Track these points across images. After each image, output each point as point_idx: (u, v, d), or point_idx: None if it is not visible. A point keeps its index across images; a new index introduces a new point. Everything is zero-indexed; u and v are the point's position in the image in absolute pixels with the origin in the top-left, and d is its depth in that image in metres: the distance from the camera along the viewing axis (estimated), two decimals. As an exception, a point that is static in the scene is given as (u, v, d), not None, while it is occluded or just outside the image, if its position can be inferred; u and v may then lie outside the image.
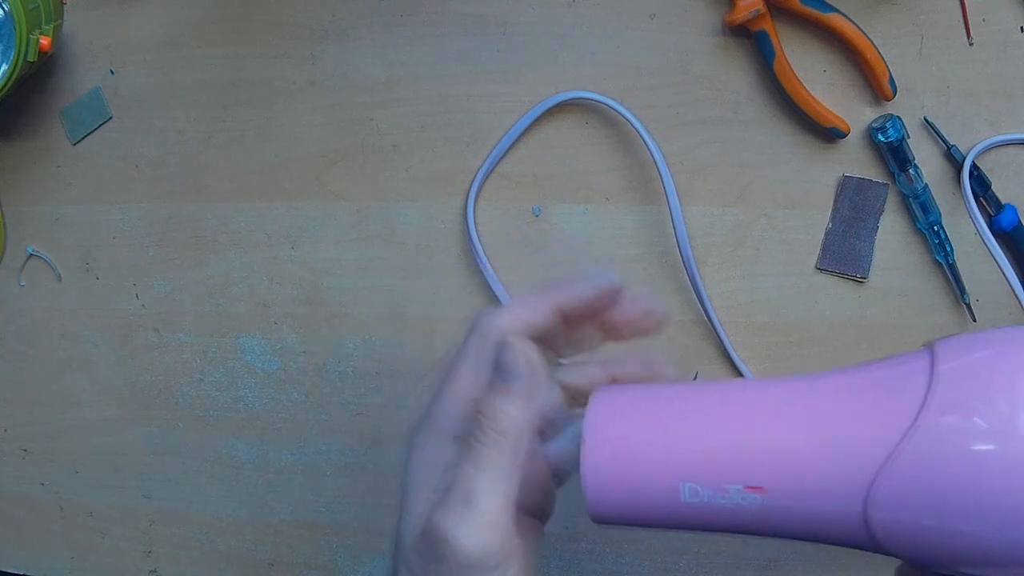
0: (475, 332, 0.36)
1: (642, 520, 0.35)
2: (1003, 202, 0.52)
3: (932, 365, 0.31)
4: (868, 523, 0.31)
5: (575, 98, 0.54)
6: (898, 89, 0.51)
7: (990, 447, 0.28)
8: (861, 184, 0.53)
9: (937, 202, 0.52)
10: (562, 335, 0.37)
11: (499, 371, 0.33)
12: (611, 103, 0.53)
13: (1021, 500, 0.28)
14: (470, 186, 0.56)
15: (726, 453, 0.33)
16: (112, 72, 0.60)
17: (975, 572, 0.31)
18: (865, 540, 0.31)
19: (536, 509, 0.37)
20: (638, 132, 0.53)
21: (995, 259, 0.51)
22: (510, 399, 0.33)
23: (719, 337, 0.54)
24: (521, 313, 0.36)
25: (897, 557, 0.32)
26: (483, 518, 0.31)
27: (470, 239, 0.56)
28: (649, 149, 0.53)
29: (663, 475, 0.33)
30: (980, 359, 0.30)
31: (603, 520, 0.35)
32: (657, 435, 0.34)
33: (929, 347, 0.32)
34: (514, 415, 0.33)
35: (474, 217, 0.56)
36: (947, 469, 0.29)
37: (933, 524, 0.30)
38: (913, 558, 0.32)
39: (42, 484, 0.65)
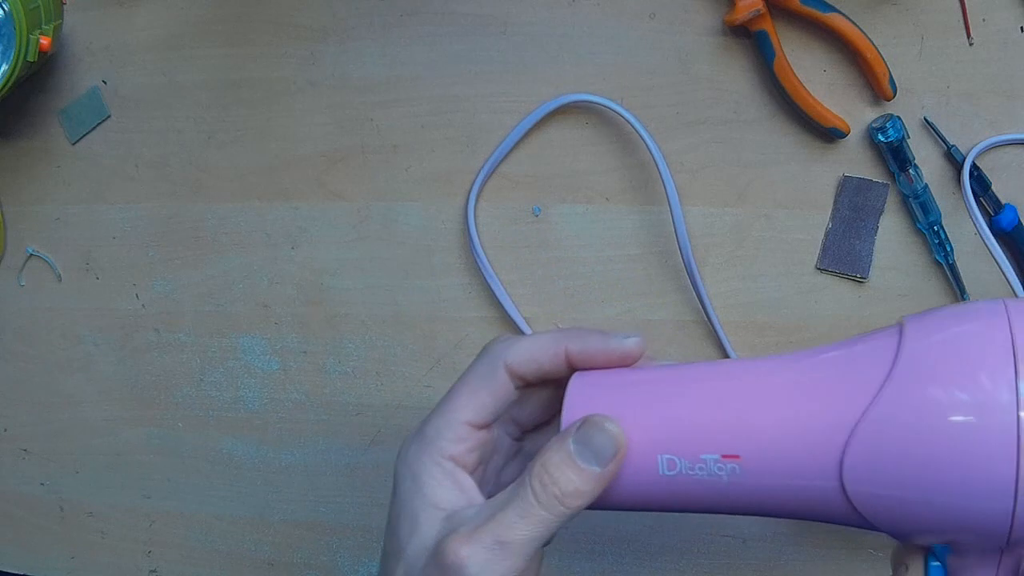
0: (484, 359, 0.37)
1: (624, 499, 0.35)
2: (1003, 202, 0.52)
3: (900, 339, 0.31)
4: (845, 492, 0.31)
5: (577, 101, 0.54)
6: (898, 89, 0.51)
7: (952, 419, 0.29)
8: (861, 184, 0.53)
9: (937, 202, 0.52)
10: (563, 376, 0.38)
11: (586, 450, 0.33)
12: (615, 107, 0.53)
13: (984, 471, 0.28)
14: (471, 187, 0.56)
15: (701, 423, 0.33)
16: (106, 81, 0.60)
17: (952, 541, 0.31)
18: (845, 511, 0.32)
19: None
20: (639, 133, 0.53)
21: (995, 259, 0.51)
22: (586, 480, 0.33)
23: (719, 337, 0.54)
24: (532, 350, 0.36)
25: (882, 531, 0.32)
26: (507, 567, 0.32)
27: (471, 240, 0.56)
28: (650, 150, 0.53)
29: (639, 449, 0.34)
30: (945, 334, 0.31)
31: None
32: (632, 410, 0.34)
33: (900, 323, 0.32)
34: (584, 494, 0.33)
35: (475, 218, 0.56)
36: (911, 439, 0.30)
37: (902, 494, 0.30)
38: (894, 531, 0.32)
39: (42, 484, 0.65)
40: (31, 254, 0.63)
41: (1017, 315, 0.30)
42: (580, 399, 0.35)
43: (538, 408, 0.39)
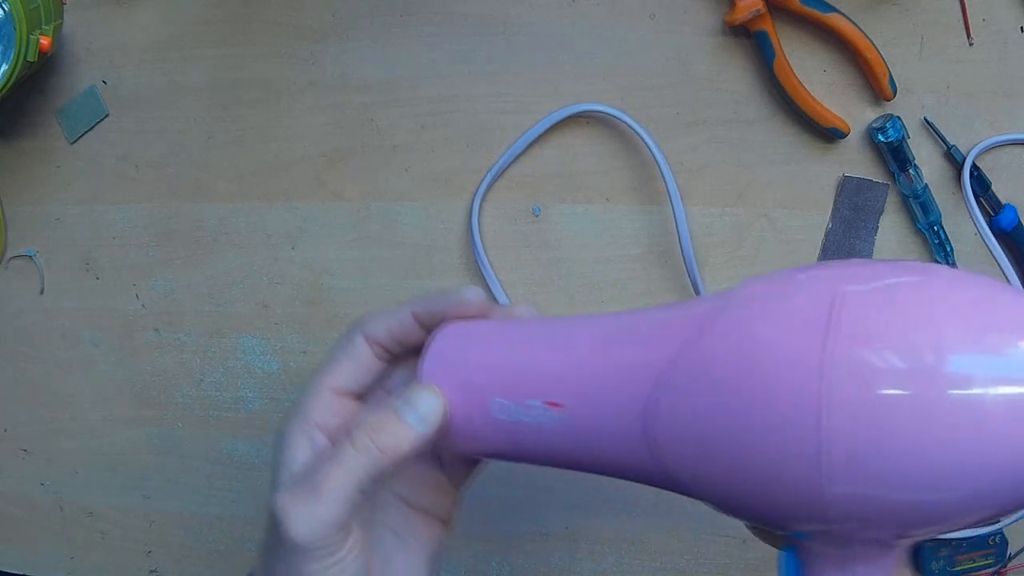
0: (345, 333, 0.39)
1: (468, 442, 0.36)
2: (1003, 202, 0.52)
3: (727, 298, 0.30)
4: (655, 449, 0.30)
5: (590, 111, 0.54)
6: (898, 89, 0.51)
7: (755, 379, 0.27)
8: (861, 184, 0.53)
9: (937, 202, 0.52)
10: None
11: (408, 408, 0.35)
12: (623, 116, 0.53)
13: (781, 437, 0.26)
14: (474, 189, 0.56)
15: (527, 370, 0.34)
16: (105, 81, 0.60)
17: (770, 521, 0.29)
18: (657, 469, 0.31)
19: (432, 509, 0.39)
20: (640, 136, 0.53)
21: (995, 259, 0.51)
22: (403, 434, 0.34)
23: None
24: (384, 318, 0.39)
25: (698, 497, 0.31)
26: (321, 512, 0.32)
27: (473, 243, 0.56)
28: (652, 152, 0.53)
29: (477, 393, 0.35)
30: (764, 292, 0.29)
31: (447, 445, 0.37)
32: (475, 357, 0.36)
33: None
34: (398, 449, 0.34)
35: (479, 222, 0.56)
36: (710, 396, 0.28)
37: (704, 456, 0.29)
38: (704, 494, 0.30)
39: (42, 484, 0.65)
40: (31, 255, 0.63)
41: (845, 282, 0.27)
42: (438, 347, 0.37)
43: (410, 376, 0.41)
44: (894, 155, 0.51)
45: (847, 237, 0.53)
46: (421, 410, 0.34)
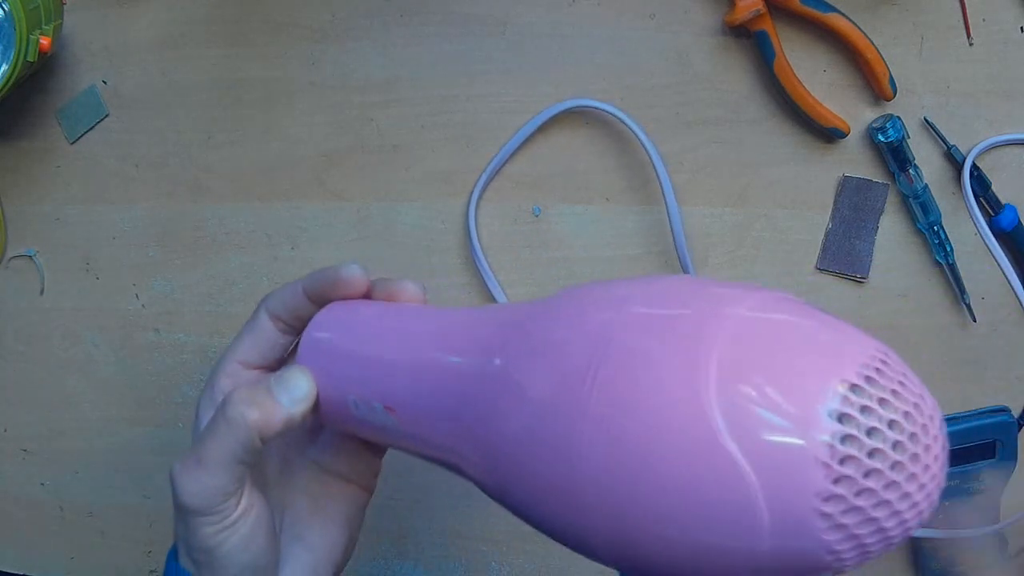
0: (255, 310, 0.40)
1: (341, 426, 0.37)
2: (1003, 202, 0.52)
3: (523, 327, 0.30)
4: (464, 465, 0.31)
5: (579, 106, 0.54)
6: (898, 89, 0.51)
7: (524, 429, 0.27)
8: (861, 184, 0.53)
9: (937, 202, 0.52)
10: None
11: (284, 391, 0.35)
12: (617, 112, 0.53)
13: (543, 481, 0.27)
14: (472, 189, 0.56)
15: (372, 373, 0.34)
16: (105, 81, 0.60)
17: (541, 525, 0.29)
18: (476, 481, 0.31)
19: (351, 475, 0.40)
20: (633, 132, 0.53)
21: (995, 259, 0.51)
22: (272, 412, 0.34)
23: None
24: (281, 293, 0.39)
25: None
26: (205, 480, 0.34)
27: (471, 242, 0.56)
28: (645, 148, 0.53)
29: (338, 385, 0.36)
30: (545, 311, 0.29)
31: (323, 422, 0.38)
32: (337, 350, 0.36)
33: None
34: (268, 425, 0.34)
35: (475, 220, 0.56)
36: (498, 442, 0.28)
37: (504, 477, 0.28)
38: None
39: (42, 484, 0.65)
40: (31, 255, 0.63)
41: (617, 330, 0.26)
42: (311, 328, 0.37)
43: None
44: (894, 155, 0.51)
45: (847, 237, 0.53)
46: (293, 392, 0.35)
